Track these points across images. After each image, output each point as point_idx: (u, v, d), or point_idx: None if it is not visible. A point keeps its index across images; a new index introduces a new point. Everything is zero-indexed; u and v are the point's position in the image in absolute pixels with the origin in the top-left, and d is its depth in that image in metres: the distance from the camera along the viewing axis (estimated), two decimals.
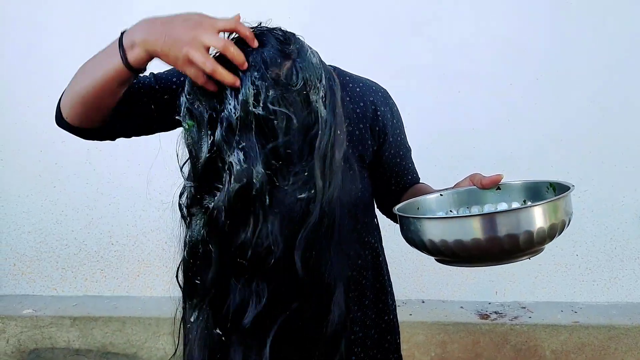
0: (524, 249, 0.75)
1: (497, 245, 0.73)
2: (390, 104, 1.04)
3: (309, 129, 0.74)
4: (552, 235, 0.76)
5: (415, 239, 0.79)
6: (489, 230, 0.72)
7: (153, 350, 2.14)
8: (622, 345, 1.98)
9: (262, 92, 0.70)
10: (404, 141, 1.08)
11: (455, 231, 0.74)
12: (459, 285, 2.24)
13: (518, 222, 0.73)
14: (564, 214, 0.77)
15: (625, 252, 2.17)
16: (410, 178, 1.10)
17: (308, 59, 0.75)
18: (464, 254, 0.74)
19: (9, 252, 2.41)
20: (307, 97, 0.73)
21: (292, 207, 0.73)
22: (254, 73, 0.71)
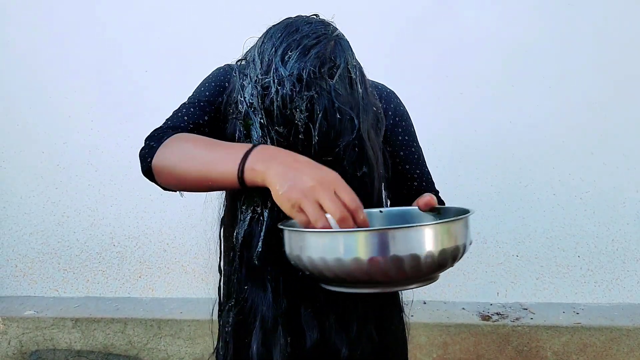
0: (411, 276, 0.65)
1: (379, 268, 0.62)
2: (396, 103, 1.04)
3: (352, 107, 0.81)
4: (443, 262, 0.66)
5: (292, 256, 0.70)
6: (372, 249, 0.62)
7: (155, 351, 2.14)
8: (623, 346, 1.98)
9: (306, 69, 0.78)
10: (408, 142, 1.04)
11: (335, 248, 0.63)
12: (461, 286, 2.23)
13: (404, 242, 0.63)
14: (459, 239, 0.68)
15: (627, 253, 2.17)
16: (417, 184, 1.04)
17: (346, 41, 0.85)
18: (344, 275, 0.64)
19: (10, 253, 2.41)
20: (350, 76, 0.82)
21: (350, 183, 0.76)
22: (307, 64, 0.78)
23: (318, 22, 0.86)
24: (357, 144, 0.84)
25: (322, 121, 0.79)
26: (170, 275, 2.35)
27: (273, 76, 0.79)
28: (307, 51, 0.80)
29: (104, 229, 2.36)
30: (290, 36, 0.82)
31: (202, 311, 2.18)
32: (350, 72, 0.84)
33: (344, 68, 0.82)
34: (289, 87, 0.78)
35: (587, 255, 2.18)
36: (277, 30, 0.84)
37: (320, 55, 0.80)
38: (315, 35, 0.82)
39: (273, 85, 0.79)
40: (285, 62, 0.79)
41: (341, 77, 0.81)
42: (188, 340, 2.12)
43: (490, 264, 2.22)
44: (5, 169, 2.38)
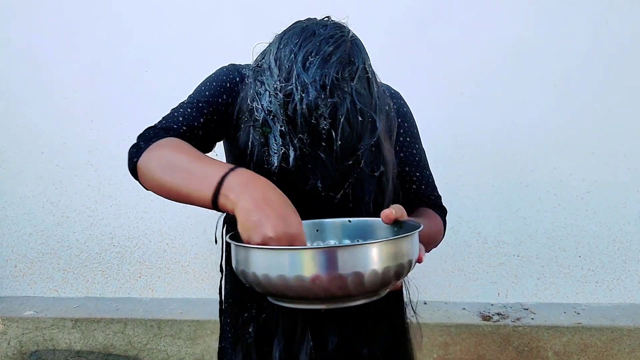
0: (355, 294, 0.65)
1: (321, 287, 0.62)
2: (399, 104, 1.03)
3: (371, 107, 0.82)
4: (387, 280, 0.66)
5: (238, 270, 0.70)
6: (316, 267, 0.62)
7: (154, 352, 2.14)
8: (625, 346, 1.98)
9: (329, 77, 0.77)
10: (409, 144, 1.03)
11: (278, 265, 0.63)
12: (461, 286, 2.23)
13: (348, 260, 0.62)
14: (403, 256, 0.67)
15: (628, 254, 2.16)
16: (415, 187, 1.03)
17: (360, 41, 0.86)
18: (290, 293, 0.64)
19: (10, 253, 2.41)
20: (367, 76, 0.82)
21: (368, 184, 0.80)
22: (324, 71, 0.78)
23: (333, 25, 0.85)
24: (374, 143, 0.84)
25: (345, 125, 0.79)
26: (170, 276, 2.34)
27: (295, 83, 0.78)
28: (328, 56, 0.79)
29: (104, 229, 2.36)
30: (308, 40, 0.80)
31: (202, 311, 2.17)
32: (368, 72, 0.83)
33: (362, 69, 0.82)
34: (314, 95, 0.77)
35: (588, 256, 2.18)
36: (293, 35, 0.83)
37: (341, 59, 0.79)
38: (333, 38, 0.81)
39: (296, 93, 0.77)
40: (307, 68, 0.78)
41: (360, 78, 0.81)
42: (188, 340, 2.12)
43: (491, 264, 2.22)
44: (5, 169, 2.37)
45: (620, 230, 2.16)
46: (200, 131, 0.92)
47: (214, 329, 2.10)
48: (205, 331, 2.11)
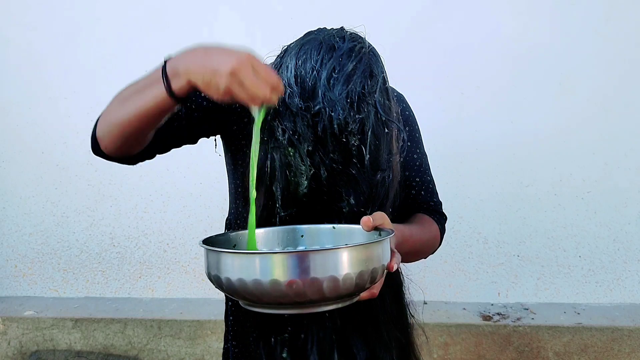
0: (330, 298, 0.65)
1: (296, 290, 0.62)
2: (402, 107, 1.01)
3: (392, 117, 0.82)
4: (361, 284, 0.66)
5: (212, 275, 0.69)
6: (289, 271, 0.62)
7: (154, 352, 2.14)
8: (625, 346, 1.97)
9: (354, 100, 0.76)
10: (410, 148, 1.01)
11: (252, 270, 0.63)
12: (462, 286, 2.23)
13: (324, 264, 0.63)
14: (376, 261, 0.68)
15: (628, 254, 2.16)
16: (415, 193, 1.01)
17: (376, 51, 0.85)
18: (265, 298, 0.64)
19: (10, 253, 2.41)
20: (386, 87, 0.82)
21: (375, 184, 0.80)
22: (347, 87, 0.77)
23: (350, 37, 0.82)
24: (389, 153, 0.83)
25: (372, 138, 0.78)
26: (170, 276, 2.34)
27: (323, 102, 0.75)
28: (351, 71, 0.77)
29: (104, 229, 2.35)
30: (328, 55, 0.78)
31: (202, 311, 2.17)
32: (387, 82, 0.83)
33: (383, 79, 0.81)
34: (343, 113, 0.75)
35: (588, 256, 2.18)
36: (312, 50, 0.79)
37: (364, 73, 0.78)
38: (354, 52, 0.79)
39: (325, 113, 0.75)
40: (333, 86, 0.76)
41: (381, 89, 0.80)
42: (188, 340, 2.12)
43: (492, 264, 2.21)
44: (5, 169, 2.37)
45: (620, 230, 2.16)
46: (195, 113, 0.91)
47: (214, 329, 2.10)
48: (206, 331, 2.11)
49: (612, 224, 2.16)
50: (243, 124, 0.95)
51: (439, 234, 1.01)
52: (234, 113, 0.94)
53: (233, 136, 0.97)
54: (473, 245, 2.21)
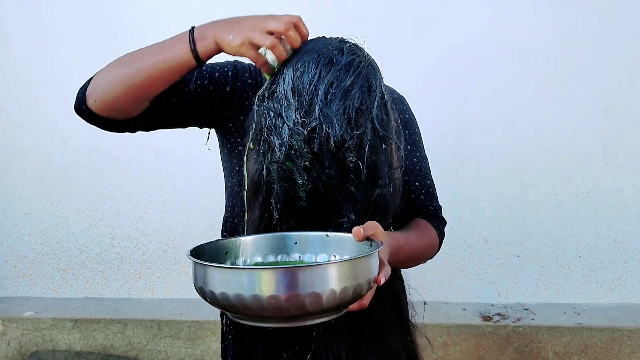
0: (314, 313, 0.65)
1: (278, 307, 0.62)
2: (401, 110, 1.00)
3: (392, 132, 0.81)
4: (345, 299, 0.65)
5: (197, 287, 0.69)
6: (273, 286, 0.62)
7: (154, 352, 2.14)
8: (625, 347, 1.97)
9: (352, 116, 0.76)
10: (410, 152, 1.00)
11: (235, 284, 0.63)
12: (462, 287, 2.23)
13: (306, 280, 0.62)
14: (362, 276, 0.67)
15: (628, 254, 2.16)
16: (414, 197, 1.00)
17: (375, 63, 0.83)
18: (248, 312, 0.64)
19: (10, 254, 2.41)
20: (385, 101, 0.81)
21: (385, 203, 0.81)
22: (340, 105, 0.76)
23: (349, 50, 0.80)
24: (390, 166, 0.82)
25: (369, 154, 0.76)
26: (170, 276, 2.34)
27: (319, 118, 0.74)
28: (349, 86, 0.75)
29: (104, 230, 2.35)
30: (326, 69, 0.76)
31: (202, 312, 2.17)
32: (385, 97, 0.81)
33: (381, 93, 0.79)
34: (340, 130, 0.74)
35: (588, 256, 2.18)
36: (310, 62, 0.77)
37: (362, 88, 0.76)
38: (352, 66, 0.77)
39: (322, 129, 0.74)
40: (330, 102, 0.74)
41: (379, 104, 0.78)
42: (188, 341, 2.12)
43: (491, 264, 2.21)
44: (5, 169, 2.37)
45: (620, 231, 2.15)
46: (187, 95, 0.92)
47: (213, 329, 2.10)
48: (205, 332, 2.10)
49: (612, 224, 2.16)
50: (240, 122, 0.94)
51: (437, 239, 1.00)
52: (231, 109, 0.94)
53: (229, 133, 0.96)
54: (473, 246, 2.21)
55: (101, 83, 0.84)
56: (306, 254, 0.84)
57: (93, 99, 0.85)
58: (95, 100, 0.85)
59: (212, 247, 0.79)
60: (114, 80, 0.83)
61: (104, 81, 0.84)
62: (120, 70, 0.83)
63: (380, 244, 0.73)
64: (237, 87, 0.94)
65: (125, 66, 0.83)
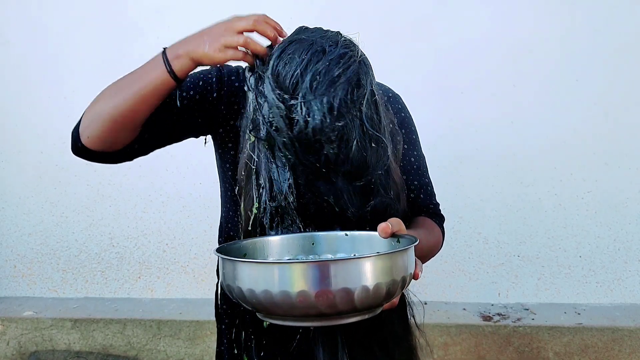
0: (345, 311, 0.62)
1: (308, 303, 0.59)
2: (397, 109, 1.00)
3: (381, 131, 0.80)
4: (379, 296, 0.63)
5: (224, 285, 0.67)
6: (302, 282, 0.59)
7: (154, 352, 2.13)
8: (625, 347, 1.97)
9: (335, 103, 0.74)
10: (407, 151, 0.99)
11: (264, 279, 0.60)
12: (462, 286, 2.23)
13: (338, 275, 0.60)
14: (397, 272, 0.65)
15: (629, 254, 2.16)
16: (413, 196, 0.99)
17: (368, 61, 0.82)
18: (277, 310, 0.61)
19: (9, 253, 2.40)
20: (375, 99, 0.80)
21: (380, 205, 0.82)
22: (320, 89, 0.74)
23: (343, 43, 0.79)
24: (386, 169, 0.82)
25: (356, 151, 0.75)
26: (170, 276, 2.34)
27: (301, 104, 0.73)
28: (336, 77, 0.74)
29: (103, 230, 2.35)
30: (316, 57, 0.75)
31: (201, 312, 2.17)
32: (375, 95, 0.80)
33: (371, 91, 0.78)
34: (319, 118, 0.73)
35: (588, 256, 2.17)
36: (300, 49, 0.76)
37: (350, 81, 0.75)
38: (343, 59, 0.76)
39: (301, 113, 0.73)
40: (314, 88, 0.73)
41: (368, 102, 0.77)
42: (187, 341, 2.11)
43: (492, 264, 2.21)
44: (4, 169, 2.37)
45: (621, 230, 2.15)
46: (177, 111, 0.92)
47: (213, 329, 2.09)
48: (205, 332, 2.10)
49: (612, 224, 2.15)
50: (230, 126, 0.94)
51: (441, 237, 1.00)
52: (220, 115, 0.93)
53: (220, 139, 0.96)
54: (473, 246, 2.20)
55: (90, 119, 0.86)
56: (325, 254, 0.82)
57: (86, 135, 0.87)
58: (88, 137, 0.87)
59: (231, 248, 0.79)
60: (101, 114, 0.84)
61: (92, 117, 0.86)
62: (105, 103, 0.85)
63: (414, 239, 0.71)
64: (223, 92, 0.92)
65: (109, 98, 0.85)
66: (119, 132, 0.85)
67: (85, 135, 0.87)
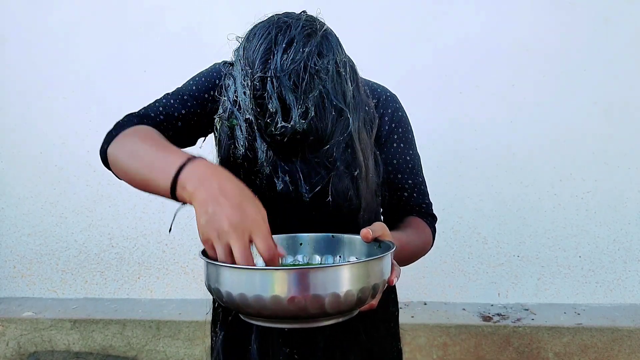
0: (331, 313, 0.65)
1: (298, 305, 0.62)
2: (394, 108, 0.99)
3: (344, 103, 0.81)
4: (363, 299, 0.66)
5: (212, 288, 0.69)
6: (289, 287, 0.62)
7: (153, 352, 2.13)
8: (625, 347, 1.97)
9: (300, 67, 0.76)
10: (403, 150, 0.99)
11: (254, 285, 0.63)
12: (461, 287, 2.22)
13: (324, 281, 0.63)
14: (377, 277, 0.68)
15: (628, 254, 2.16)
16: (407, 195, 0.99)
17: (334, 36, 0.84)
18: (266, 312, 0.64)
19: (8, 254, 2.40)
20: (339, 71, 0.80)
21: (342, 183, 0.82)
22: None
23: (306, 18, 0.83)
24: (349, 143, 0.83)
25: (315, 119, 0.77)
26: (169, 277, 2.34)
27: (265, 74, 0.76)
28: (300, 48, 0.77)
29: (103, 230, 2.35)
30: (280, 31, 0.79)
31: (201, 312, 2.16)
32: (339, 67, 0.81)
33: (333, 62, 0.80)
34: (286, 85, 0.75)
35: (588, 256, 2.17)
36: (265, 26, 0.81)
37: (313, 52, 0.77)
38: (305, 31, 0.79)
39: (268, 84, 0.76)
40: (275, 60, 0.76)
41: (331, 73, 0.79)
42: (187, 341, 2.11)
43: (491, 264, 2.21)
44: (4, 169, 2.37)
45: (620, 230, 2.15)
46: (179, 122, 0.93)
47: None
48: (204, 332, 2.10)
49: (612, 224, 2.15)
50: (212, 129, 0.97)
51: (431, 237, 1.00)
52: (216, 101, 0.95)
53: None
54: (473, 246, 2.20)
55: (112, 158, 0.85)
56: (312, 255, 0.85)
57: (110, 164, 0.87)
58: (111, 169, 0.88)
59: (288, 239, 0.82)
60: (118, 164, 0.84)
61: (114, 160, 0.85)
62: (123, 160, 0.83)
63: (392, 245, 0.74)
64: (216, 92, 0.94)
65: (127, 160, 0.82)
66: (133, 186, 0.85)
67: (112, 167, 0.87)
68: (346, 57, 0.85)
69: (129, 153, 0.81)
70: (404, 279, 2.23)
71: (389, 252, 0.71)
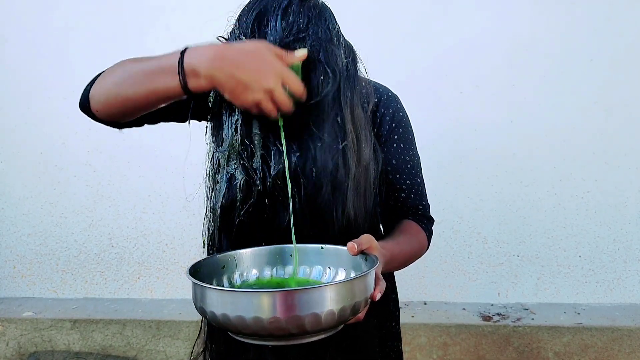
0: (312, 332, 0.67)
1: (278, 327, 0.64)
2: (395, 108, 0.99)
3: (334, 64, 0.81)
4: (343, 318, 0.67)
5: (197, 307, 0.72)
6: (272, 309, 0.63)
7: (153, 352, 2.13)
8: (625, 346, 1.97)
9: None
10: (402, 151, 0.98)
11: (235, 306, 0.65)
12: (461, 286, 2.22)
13: (305, 302, 0.64)
14: (359, 295, 0.68)
15: (628, 253, 2.16)
16: (404, 196, 0.98)
17: (328, 8, 0.86)
18: (248, 331, 0.66)
19: (9, 254, 2.40)
20: (331, 35, 0.81)
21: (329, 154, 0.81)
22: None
23: None
24: (338, 112, 0.82)
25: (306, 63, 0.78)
26: (169, 276, 2.34)
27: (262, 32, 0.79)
28: (291, 15, 0.79)
29: (103, 230, 2.35)
30: (273, 1, 0.81)
31: None
32: (332, 34, 0.82)
33: (327, 29, 0.81)
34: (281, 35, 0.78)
35: (588, 255, 2.17)
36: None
37: (303, 12, 0.80)
38: (302, 3, 0.82)
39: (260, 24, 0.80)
40: (268, 20, 0.79)
41: (323, 35, 0.80)
42: (187, 341, 2.11)
43: (491, 264, 2.21)
44: (4, 169, 2.36)
45: (620, 230, 2.15)
46: None
47: None
48: None
49: (612, 224, 2.15)
50: None
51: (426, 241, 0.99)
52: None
53: None
54: (473, 245, 2.20)
55: (100, 95, 0.85)
56: (301, 266, 0.85)
57: (95, 107, 0.86)
58: (97, 110, 0.86)
59: (208, 262, 0.83)
60: (110, 95, 0.83)
61: (100, 93, 0.85)
62: (116, 86, 0.82)
63: (375, 260, 0.73)
64: None
65: (120, 83, 0.81)
66: (126, 114, 0.85)
67: (94, 105, 0.86)
68: (337, 26, 0.87)
69: (120, 78, 0.81)
70: (404, 278, 2.22)
71: (371, 269, 0.70)
